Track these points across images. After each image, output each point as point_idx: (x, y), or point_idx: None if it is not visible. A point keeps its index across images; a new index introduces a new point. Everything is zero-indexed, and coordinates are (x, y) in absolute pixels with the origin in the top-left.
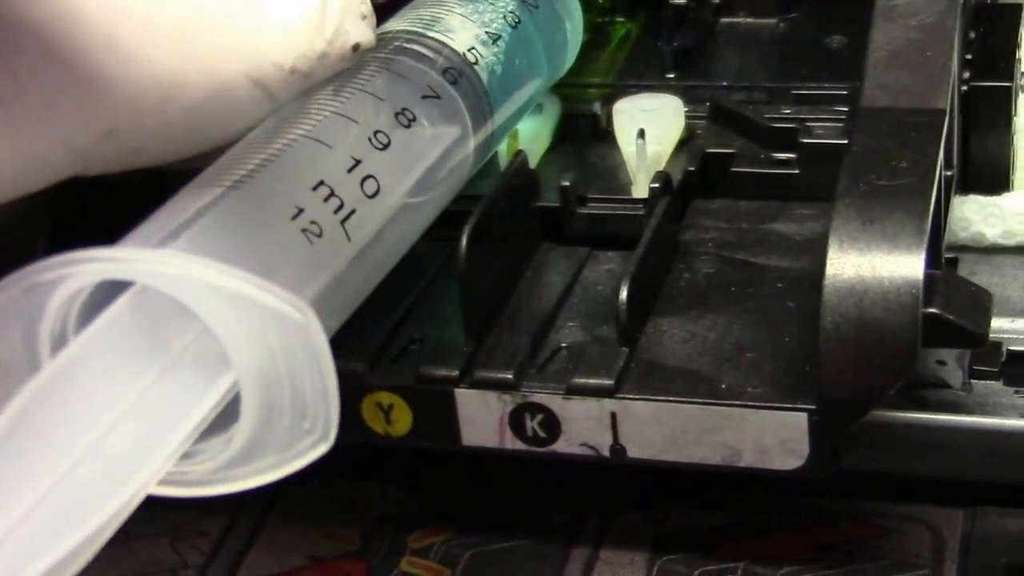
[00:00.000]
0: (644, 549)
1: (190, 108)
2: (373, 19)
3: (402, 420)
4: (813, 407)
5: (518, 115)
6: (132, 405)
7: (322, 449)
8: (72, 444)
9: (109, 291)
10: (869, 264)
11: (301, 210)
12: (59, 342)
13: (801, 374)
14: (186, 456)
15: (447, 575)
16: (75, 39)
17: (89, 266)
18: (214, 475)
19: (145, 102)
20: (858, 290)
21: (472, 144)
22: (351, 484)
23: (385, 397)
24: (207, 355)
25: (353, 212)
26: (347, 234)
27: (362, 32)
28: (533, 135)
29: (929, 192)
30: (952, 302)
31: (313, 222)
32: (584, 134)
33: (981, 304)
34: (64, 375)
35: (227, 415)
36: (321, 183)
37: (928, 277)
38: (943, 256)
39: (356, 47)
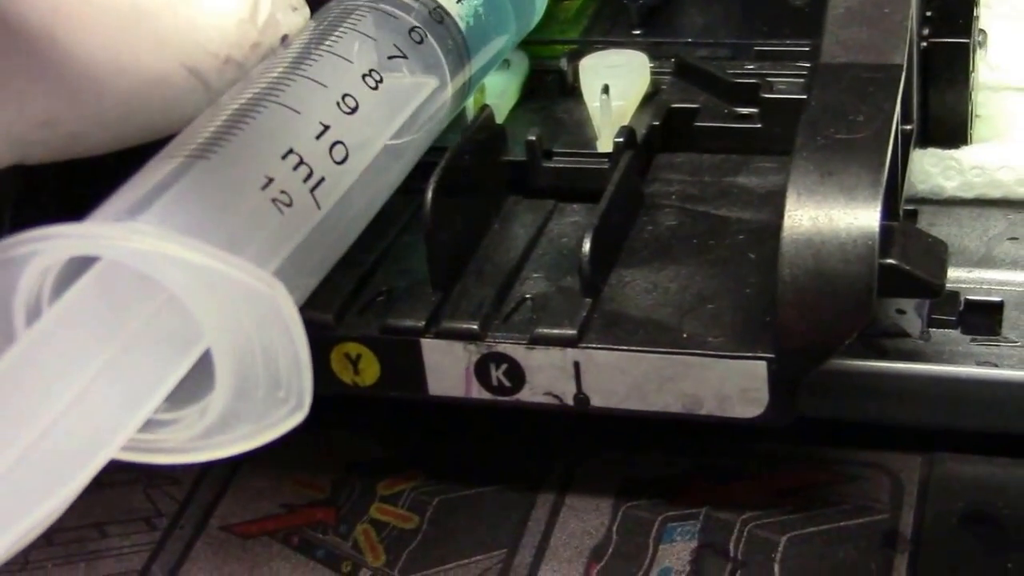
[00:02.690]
0: (608, 495)
1: (127, 96)
2: (306, 10)
3: (370, 370)
4: (772, 356)
5: (486, 69)
6: (97, 375)
7: (298, 418)
8: (37, 417)
9: (83, 262)
10: (826, 216)
11: (271, 180)
12: (33, 316)
13: (761, 324)
14: (163, 424)
15: (415, 521)
16: (13, 29)
17: (58, 242)
18: (191, 443)
19: (83, 90)
20: (815, 242)
21: (450, 92)
22: (322, 433)
23: (353, 348)
24: (172, 326)
25: (322, 180)
26: (316, 202)
27: (292, 23)
28: (501, 91)
29: (885, 146)
30: (908, 253)
31: (283, 192)
32: (551, 90)
33: (937, 255)
34: (31, 350)
35: (204, 385)
36: (290, 151)
37: (885, 228)
38: (902, 208)
39: (285, 38)
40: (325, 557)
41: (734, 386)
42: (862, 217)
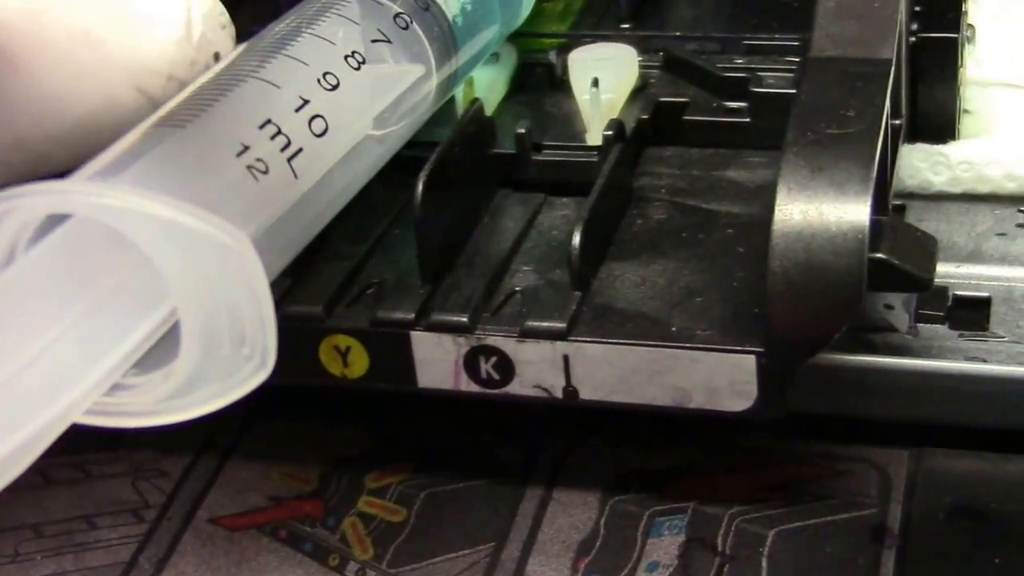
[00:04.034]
0: (596, 489)
1: (84, 116)
2: (232, 29)
3: (359, 362)
4: (761, 349)
5: (474, 61)
6: (63, 332)
7: (261, 376)
8: None
9: (60, 224)
10: (817, 210)
11: (247, 147)
12: None
13: (750, 317)
14: (129, 388)
15: (403, 514)
16: None
17: (30, 200)
18: (158, 406)
19: (45, 113)
20: (805, 235)
21: (435, 81)
22: (310, 425)
23: (342, 340)
24: (141, 288)
25: (300, 150)
26: (294, 172)
27: (222, 41)
28: (490, 84)
29: (875, 140)
30: (898, 247)
31: (259, 159)
32: (540, 83)
33: (927, 249)
34: None
35: (168, 349)
36: (268, 122)
37: (875, 223)
38: (891, 203)
39: (217, 55)
40: (312, 551)
41: (723, 379)
42: (852, 211)
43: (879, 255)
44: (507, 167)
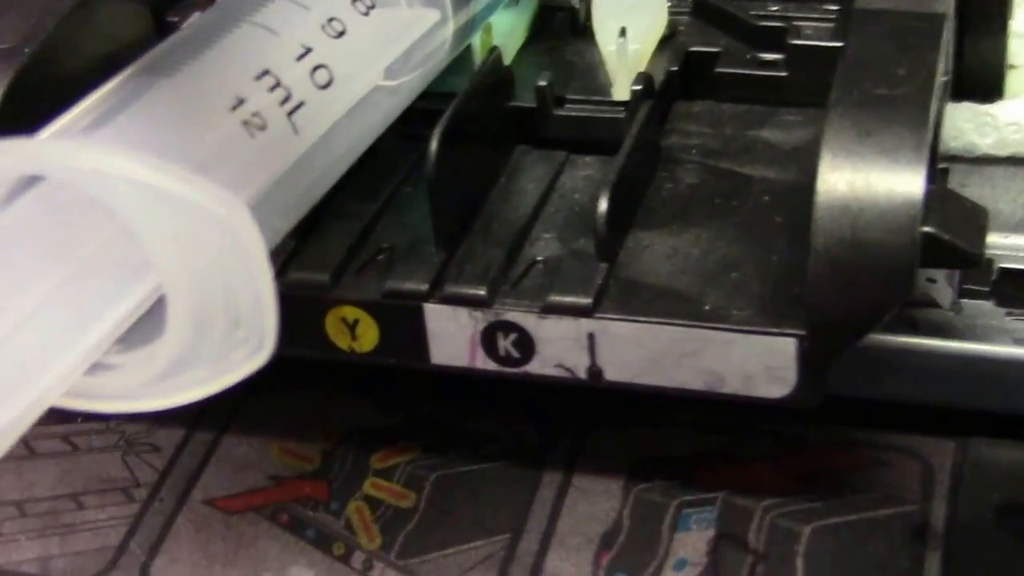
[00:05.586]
0: (619, 475)
1: None
2: None
3: (368, 336)
4: (803, 333)
5: (493, 6)
6: (38, 305)
7: (258, 361)
8: None
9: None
10: (864, 180)
11: (242, 100)
12: None
13: (790, 296)
14: (111, 368)
15: (412, 499)
16: None
17: None
18: (142, 388)
19: None
20: (852, 209)
21: (451, 28)
22: (312, 397)
23: (350, 312)
24: (126, 254)
25: (302, 104)
26: (295, 127)
27: None
28: (508, 29)
29: (929, 103)
30: (947, 220)
31: (255, 114)
32: (561, 29)
33: (976, 222)
34: None
35: (156, 324)
36: (266, 72)
37: (924, 194)
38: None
39: None
40: (315, 537)
41: (760, 363)
42: (905, 183)
43: (927, 229)
44: (527, 122)
